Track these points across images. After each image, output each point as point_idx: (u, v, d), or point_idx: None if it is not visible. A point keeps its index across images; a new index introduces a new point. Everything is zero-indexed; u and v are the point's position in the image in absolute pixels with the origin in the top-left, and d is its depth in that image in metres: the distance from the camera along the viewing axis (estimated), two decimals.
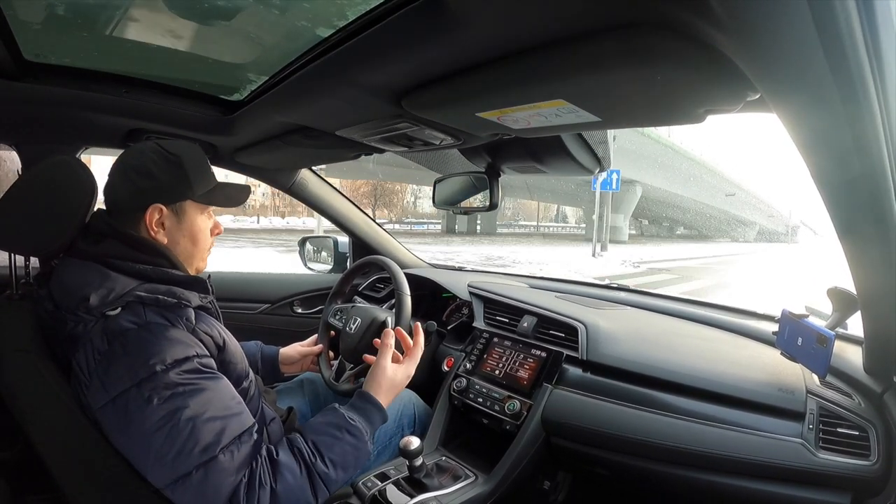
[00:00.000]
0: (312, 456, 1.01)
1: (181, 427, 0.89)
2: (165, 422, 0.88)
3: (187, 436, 0.89)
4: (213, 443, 0.90)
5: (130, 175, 1.06)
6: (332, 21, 0.89)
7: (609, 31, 0.62)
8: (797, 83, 0.58)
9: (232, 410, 0.97)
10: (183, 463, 0.88)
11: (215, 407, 0.94)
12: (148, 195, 1.06)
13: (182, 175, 1.09)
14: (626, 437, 1.25)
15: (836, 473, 1.06)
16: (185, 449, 0.88)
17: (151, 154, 1.08)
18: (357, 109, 1.10)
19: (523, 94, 0.82)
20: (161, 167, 1.07)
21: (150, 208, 1.06)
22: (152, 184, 1.06)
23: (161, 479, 0.89)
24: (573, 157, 1.20)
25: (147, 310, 0.98)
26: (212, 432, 0.91)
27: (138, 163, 1.07)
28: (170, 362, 0.92)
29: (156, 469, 0.89)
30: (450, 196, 1.65)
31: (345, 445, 1.06)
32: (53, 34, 1.12)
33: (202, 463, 0.89)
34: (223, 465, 0.90)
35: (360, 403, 1.17)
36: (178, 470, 0.88)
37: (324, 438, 1.05)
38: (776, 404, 1.17)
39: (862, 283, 0.98)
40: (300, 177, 2.20)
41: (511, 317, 1.74)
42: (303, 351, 1.67)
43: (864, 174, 0.69)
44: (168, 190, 1.08)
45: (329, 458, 1.02)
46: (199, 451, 0.89)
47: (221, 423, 0.93)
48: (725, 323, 1.61)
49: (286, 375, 1.66)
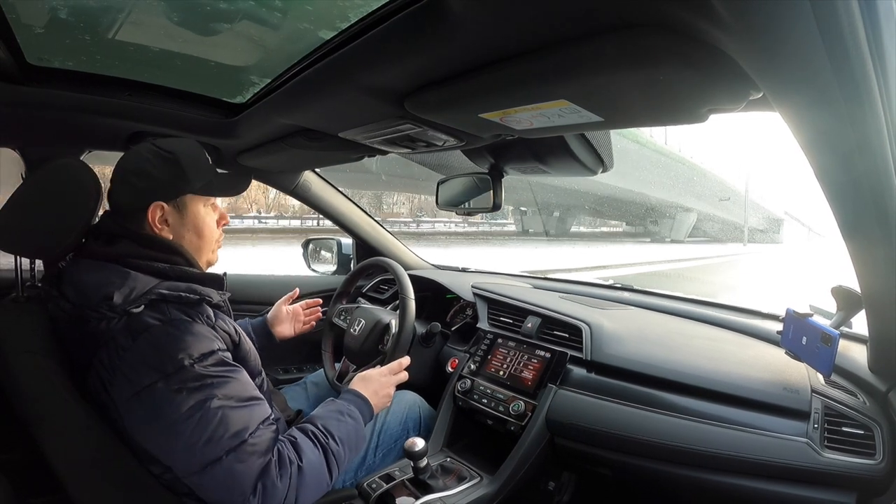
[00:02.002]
0: (325, 437, 1.08)
1: (210, 416, 0.91)
2: (195, 411, 0.91)
3: (217, 423, 0.92)
4: (242, 429, 0.94)
5: (129, 178, 1.08)
6: (334, 23, 0.89)
7: (611, 32, 0.62)
8: (800, 82, 0.58)
9: (255, 398, 1.01)
10: (213, 449, 0.91)
11: (240, 396, 0.98)
12: (147, 194, 1.08)
13: (178, 171, 1.11)
14: (631, 438, 1.25)
15: (842, 473, 1.05)
16: (215, 436, 0.91)
17: (147, 154, 1.10)
18: (360, 111, 1.10)
19: (526, 94, 0.82)
20: (157, 165, 1.09)
21: (152, 206, 1.08)
22: (150, 183, 1.08)
23: (189, 466, 0.92)
24: (576, 157, 1.20)
25: (170, 307, 1.00)
26: (240, 419, 0.95)
27: (135, 165, 1.09)
28: (196, 356, 0.95)
29: (184, 457, 0.92)
30: (453, 197, 1.65)
31: (349, 427, 1.14)
32: (57, 38, 1.12)
33: (233, 448, 0.92)
34: (253, 448, 0.94)
35: (350, 397, 1.23)
36: (209, 456, 0.91)
37: (331, 422, 1.12)
38: (781, 404, 1.16)
39: (866, 281, 0.98)
40: (303, 179, 2.20)
41: (515, 317, 1.74)
42: (289, 308, 1.70)
43: (868, 173, 0.68)
44: (166, 186, 1.10)
45: (338, 438, 1.10)
46: (230, 437, 0.92)
47: (248, 410, 0.97)
48: (730, 322, 1.61)
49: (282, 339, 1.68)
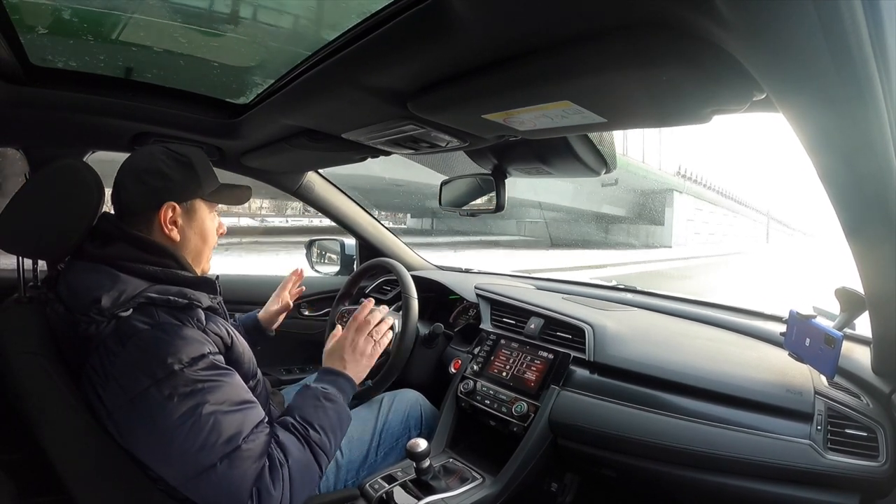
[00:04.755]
0: (304, 428, 1.06)
1: (203, 421, 0.91)
2: (187, 418, 0.90)
3: (210, 429, 0.91)
4: (235, 434, 0.93)
5: (143, 177, 1.09)
6: (337, 24, 0.89)
7: (615, 32, 0.62)
8: (803, 82, 0.58)
9: (248, 402, 1.00)
10: (207, 455, 0.90)
11: (233, 400, 0.97)
12: (161, 193, 1.09)
13: (193, 174, 1.12)
14: (634, 439, 1.24)
15: (845, 475, 1.05)
16: (208, 442, 0.90)
17: (161, 156, 1.11)
18: (363, 112, 1.10)
19: (529, 95, 0.82)
20: (172, 167, 1.10)
21: (164, 206, 1.09)
22: (165, 183, 1.09)
23: (183, 474, 0.91)
24: (579, 158, 1.20)
25: (159, 310, 0.99)
26: (233, 424, 0.94)
27: (149, 165, 1.10)
28: (186, 361, 0.94)
29: (178, 465, 0.91)
30: (456, 198, 1.65)
31: (327, 412, 1.12)
32: (60, 39, 1.13)
33: (226, 454, 0.91)
34: (247, 453, 0.93)
35: (325, 376, 1.23)
36: (203, 463, 0.90)
37: (308, 411, 1.10)
38: (784, 405, 1.16)
39: (870, 283, 0.97)
40: (306, 179, 2.20)
41: (518, 318, 1.74)
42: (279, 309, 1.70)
43: (871, 172, 0.68)
44: (181, 188, 1.11)
45: (318, 426, 1.08)
46: (223, 443, 0.91)
47: (241, 414, 0.96)
48: (733, 324, 1.60)
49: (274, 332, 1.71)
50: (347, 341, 1.30)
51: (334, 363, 1.26)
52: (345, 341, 1.30)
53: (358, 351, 1.29)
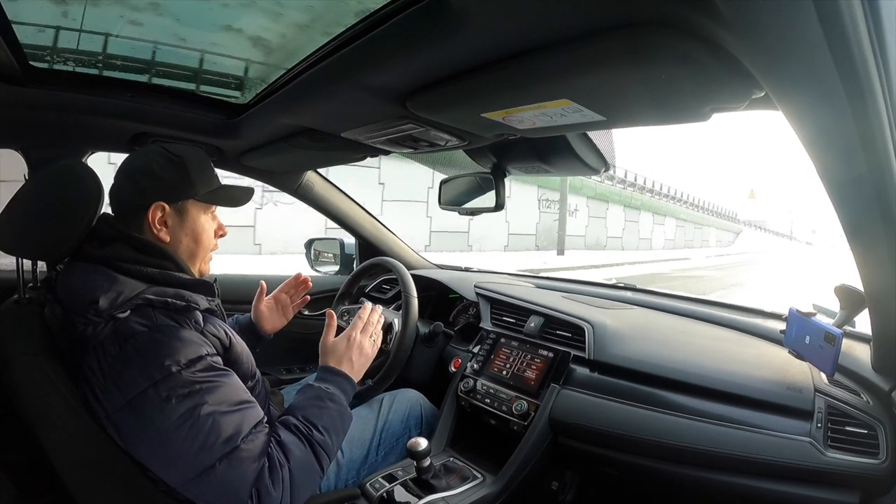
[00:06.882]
0: (308, 428, 1.05)
1: (202, 422, 0.90)
2: (185, 419, 0.89)
3: (208, 430, 0.90)
4: (234, 434, 0.92)
5: (134, 176, 1.08)
6: (336, 23, 0.89)
7: (614, 30, 0.62)
8: (802, 80, 0.58)
9: (246, 402, 0.99)
10: (206, 457, 0.90)
11: (231, 401, 0.96)
12: (150, 193, 1.08)
13: (184, 174, 1.10)
14: (634, 437, 1.25)
15: (845, 472, 1.05)
16: (207, 443, 0.90)
17: (155, 155, 1.10)
18: (362, 111, 1.10)
19: (528, 94, 0.82)
20: (163, 166, 1.09)
21: (153, 206, 1.07)
22: (154, 182, 1.08)
23: (182, 476, 0.91)
24: (579, 157, 1.20)
25: (156, 312, 0.99)
26: (231, 424, 0.93)
27: (142, 164, 1.09)
28: (184, 362, 0.93)
29: (177, 466, 0.91)
30: (455, 197, 1.65)
31: (331, 412, 1.11)
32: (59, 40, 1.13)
33: (225, 454, 0.91)
34: (246, 454, 0.92)
35: (326, 376, 1.20)
36: (202, 464, 0.89)
37: (311, 411, 1.09)
38: (784, 403, 1.16)
39: (869, 280, 0.97)
40: (306, 179, 2.20)
41: (518, 317, 1.74)
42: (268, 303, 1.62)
43: (871, 170, 0.68)
44: (170, 188, 1.10)
45: (322, 427, 1.07)
46: (222, 443, 0.91)
47: (239, 415, 0.95)
48: (733, 322, 1.60)
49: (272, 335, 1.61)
50: (354, 342, 1.27)
51: (336, 362, 1.24)
52: (349, 342, 1.27)
53: (364, 353, 1.28)
